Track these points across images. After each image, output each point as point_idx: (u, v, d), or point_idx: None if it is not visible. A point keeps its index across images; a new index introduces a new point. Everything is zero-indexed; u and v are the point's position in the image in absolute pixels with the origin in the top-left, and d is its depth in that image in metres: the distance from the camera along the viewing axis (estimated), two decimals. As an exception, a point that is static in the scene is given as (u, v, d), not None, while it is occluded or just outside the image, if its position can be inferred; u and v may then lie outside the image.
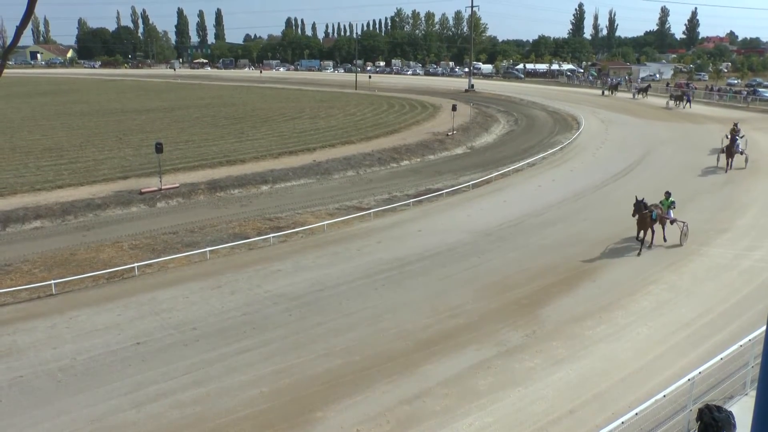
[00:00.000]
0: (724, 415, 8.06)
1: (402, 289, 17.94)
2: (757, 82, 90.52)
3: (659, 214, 20.61)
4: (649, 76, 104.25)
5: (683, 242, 20.90)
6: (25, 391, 12.68)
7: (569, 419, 11.55)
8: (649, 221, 19.95)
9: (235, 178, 30.75)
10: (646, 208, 19.78)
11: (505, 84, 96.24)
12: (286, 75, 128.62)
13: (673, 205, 21.37)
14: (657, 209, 20.67)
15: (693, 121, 51.69)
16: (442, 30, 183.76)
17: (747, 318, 15.33)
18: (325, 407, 12.02)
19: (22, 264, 19.89)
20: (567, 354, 13.94)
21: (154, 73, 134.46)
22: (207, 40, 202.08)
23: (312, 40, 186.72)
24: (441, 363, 13.58)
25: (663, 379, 12.41)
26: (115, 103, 64.40)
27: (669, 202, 21.28)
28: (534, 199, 28.18)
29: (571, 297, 17.14)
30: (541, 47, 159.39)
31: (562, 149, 39.89)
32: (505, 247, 21.56)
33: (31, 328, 15.51)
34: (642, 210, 19.70)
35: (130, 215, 25.82)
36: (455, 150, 41.56)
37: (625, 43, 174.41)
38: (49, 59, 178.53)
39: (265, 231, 23.29)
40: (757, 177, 31.21)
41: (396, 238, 22.86)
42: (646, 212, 19.75)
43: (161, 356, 14.02)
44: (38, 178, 29.72)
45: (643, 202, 19.79)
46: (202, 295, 17.62)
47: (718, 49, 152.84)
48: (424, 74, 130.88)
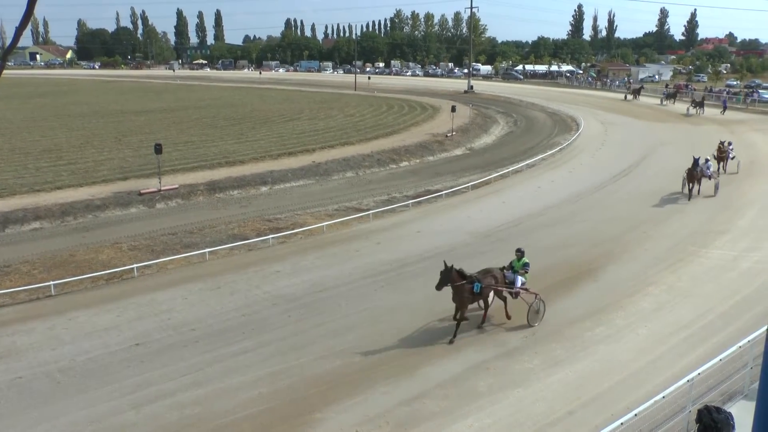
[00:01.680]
0: (724, 416, 8.06)
1: (401, 290, 17.93)
2: (756, 83, 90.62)
3: (489, 285, 15.07)
4: (648, 77, 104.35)
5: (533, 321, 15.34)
6: (23, 393, 12.66)
7: (568, 420, 11.55)
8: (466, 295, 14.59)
9: (235, 179, 30.74)
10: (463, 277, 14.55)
11: (504, 85, 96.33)
12: (285, 76, 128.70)
13: (526, 267, 15.72)
14: (489, 278, 15.05)
15: (692, 122, 51.75)
16: (442, 31, 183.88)
17: (746, 319, 15.32)
18: (324, 408, 12.01)
19: (21, 265, 19.87)
20: (566, 355, 13.94)
21: (153, 74, 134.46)
22: (206, 41, 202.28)
23: (311, 41, 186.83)
24: (440, 364, 13.58)
25: (662, 380, 12.40)
26: (114, 104, 64.39)
27: (521, 263, 15.73)
28: (533, 200, 28.19)
29: (570, 298, 17.13)
30: (540, 48, 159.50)
31: (561, 150, 39.92)
32: (505, 249, 21.47)
33: (30, 329, 15.49)
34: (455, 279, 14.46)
35: (130, 216, 25.81)
36: (454, 151, 41.57)
37: (624, 45, 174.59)
38: (48, 60, 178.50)
39: (265, 232, 23.28)
40: (757, 178, 31.24)
41: (395, 239, 22.86)
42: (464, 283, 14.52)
43: (160, 357, 14.01)
44: (37, 179, 29.70)
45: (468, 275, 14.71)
46: (201, 296, 17.61)
47: (717, 51, 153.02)
48: (423, 75, 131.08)
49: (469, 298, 14.66)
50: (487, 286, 14.97)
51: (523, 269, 15.71)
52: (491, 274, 15.21)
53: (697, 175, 27.00)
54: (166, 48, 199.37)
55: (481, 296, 14.89)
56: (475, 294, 14.62)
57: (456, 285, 14.45)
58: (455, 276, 14.41)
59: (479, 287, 14.59)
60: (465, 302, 14.68)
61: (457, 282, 14.44)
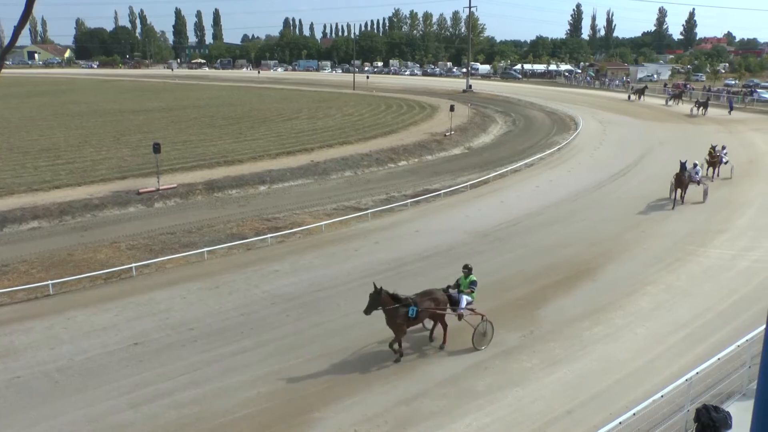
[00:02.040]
0: (722, 415, 8.08)
1: (400, 289, 17.63)
2: (754, 83, 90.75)
3: (427, 309, 13.87)
4: (647, 76, 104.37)
5: (480, 344, 14.20)
6: (22, 392, 12.65)
7: (567, 420, 11.56)
8: (400, 320, 13.46)
9: (233, 178, 30.73)
10: (397, 300, 13.47)
11: (502, 84, 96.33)
12: (284, 75, 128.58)
13: (473, 285, 14.58)
14: (427, 301, 13.85)
15: (691, 122, 51.81)
16: (440, 30, 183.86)
17: (745, 318, 15.35)
18: (323, 408, 12.01)
19: (20, 264, 19.85)
20: (565, 354, 13.95)
21: (151, 73, 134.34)
22: (205, 41, 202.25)
23: (310, 41, 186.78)
24: (439, 364, 13.58)
25: (661, 379, 12.43)
26: (112, 104, 64.32)
27: (468, 281, 14.59)
28: (532, 199, 28.20)
29: (568, 297, 17.15)
30: (539, 48, 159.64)
31: (559, 150, 39.95)
32: (503, 248, 21.57)
33: (29, 329, 15.48)
34: (386, 303, 13.34)
35: (128, 215, 25.79)
36: (453, 150, 41.58)
37: (622, 44, 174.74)
38: (46, 59, 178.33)
39: (263, 231, 23.27)
40: (756, 178, 31.28)
41: (393, 238, 22.86)
42: (397, 307, 13.39)
43: (159, 357, 14.00)
44: (36, 178, 29.67)
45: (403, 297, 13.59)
46: (199, 295, 17.60)
47: (716, 50, 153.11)
48: (421, 75, 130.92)
49: (404, 323, 13.51)
50: (425, 309, 13.79)
51: (470, 288, 14.56)
52: (431, 297, 14.00)
53: (685, 181, 26.08)
54: (165, 47, 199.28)
55: (417, 321, 13.83)
56: (410, 318, 13.50)
57: (388, 309, 13.31)
58: (386, 299, 13.28)
59: (415, 311, 13.46)
60: (400, 328, 13.53)
61: (388, 305, 13.32)
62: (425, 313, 13.91)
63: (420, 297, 13.84)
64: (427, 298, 13.91)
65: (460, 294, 14.46)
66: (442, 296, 14.20)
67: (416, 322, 13.85)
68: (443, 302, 14.18)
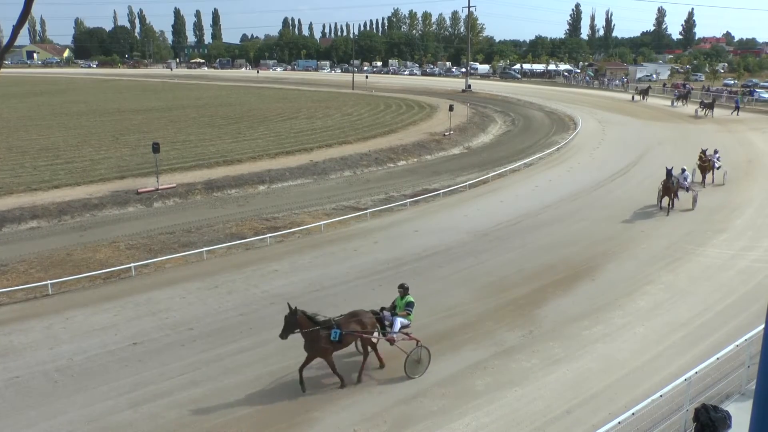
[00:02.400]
0: (721, 415, 8.10)
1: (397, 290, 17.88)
2: (753, 82, 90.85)
3: (353, 332, 12.74)
4: (646, 76, 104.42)
5: (413, 372, 13.00)
6: (21, 392, 12.64)
7: (566, 419, 11.56)
8: (321, 344, 12.39)
9: (232, 178, 30.72)
10: (315, 323, 12.39)
11: (502, 84, 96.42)
12: (283, 75, 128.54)
13: (409, 307, 13.48)
14: (353, 323, 12.77)
15: (690, 121, 51.86)
16: (439, 30, 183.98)
17: (743, 318, 15.38)
18: (322, 407, 12.02)
19: (19, 264, 19.83)
20: (564, 354, 13.96)
21: (150, 72, 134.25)
22: (204, 40, 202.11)
23: (309, 40, 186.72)
24: (438, 363, 13.57)
25: (660, 379, 12.44)
26: (111, 103, 64.27)
27: (404, 302, 13.53)
28: (531, 199, 28.21)
29: (568, 297, 17.15)
30: (538, 47, 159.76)
31: (559, 149, 39.97)
32: (502, 248, 21.57)
33: (28, 329, 15.46)
34: (303, 325, 12.28)
35: (127, 215, 25.78)
36: (452, 150, 41.58)
37: (622, 44, 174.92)
38: (45, 59, 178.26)
39: (262, 231, 23.27)
40: (755, 177, 31.30)
41: (393, 238, 22.86)
42: (317, 329, 12.33)
43: (158, 356, 13.99)
44: (35, 178, 29.64)
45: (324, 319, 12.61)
46: (199, 295, 17.60)
47: (715, 50, 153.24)
48: (421, 74, 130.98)
49: (326, 347, 12.35)
50: (350, 332, 12.65)
51: (405, 310, 13.43)
52: (357, 319, 12.86)
53: (672, 188, 24.88)
54: (164, 47, 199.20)
55: (341, 345, 12.63)
56: (333, 342, 12.38)
57: (307, 332, 12.25)
58: (303, 321, 12.17)
59: (338, 334, 12.36)
60: (324, 353, 12.42)
61: (306, 328, 12.23)
62: (351, 337, 12.76)
63: (345, 318, 12.81)
64: (353, 320, 12.81)
65: (394, 316, 13.38)
66: (370, 318, 13.07)
67: (341, 346, 12.68)
68: (372, 325, 13.05)
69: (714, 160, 29.75)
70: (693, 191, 26.15)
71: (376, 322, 13.19)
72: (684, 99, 62.70)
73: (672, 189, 24.86)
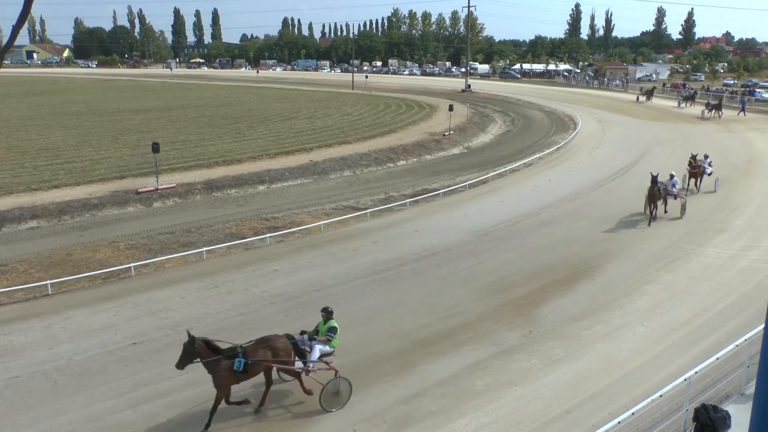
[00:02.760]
0: (721, 414, 8.10)
1: (398, 289, 17.94)
2: (753, 82, 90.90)
3: (261, 361, 11.58)
4: (646, 76, 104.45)
5: (330, 406, 11.90)
6: (21, 392, 12.64)
7: (566, 419, 11.56)
8: (222, 374, 11.25)
9: (232, 178, 30.71)
10: (216, 351, 11.29)
11: (501, 84, 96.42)
12: (282, 75, 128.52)
13: (331, 332, 12.29)
14: (262, 350, 11.62)
15: (690, 121, 51.85)
16: (439, 30, 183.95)
17: (743, 318, 15.38)
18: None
19: (18, 264, 19.83)
20: (564, 354, 13.96)
21: (150, 72, 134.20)
22: (204, 40, 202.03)
23: (309, 40, 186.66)
24: (438, 363, 13.58)
25: (659, 378, 12.44)
26: (111, 103, 64.26)
27: (327, 326, 12.34)
28: (531, 199, 28.21)
29: (568, 297, 17.16)
30: (538, 47, 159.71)
31: (558, 149, 39.97)
32: (502, 248, 21.57)
33: (27, 328, 15.46)
34: (203, 354, 11.19)
35: (127, 215, 25.77)
36: (452, 150, 41.58)
37: (621, 44, 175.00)
38: (45, 59, 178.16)
39: (262, 231, 23.26)
40: (755, 177, 31.29)
41: (392, 238, 22.85)
42: (219, 358, 11.25)
43: (158, 356, 13.97)
44: (34, 177, 29.64)
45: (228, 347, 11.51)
46: (198, 295, 17.59)
47: (715, 50, 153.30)
48: (420, 74, 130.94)
49: (228, 378, 11.27)
50: (257, 361, 11.45)
51: (327, 335, 12.25)
52: (267, 345, 11.68)
53: (658, 195, 23.63)
54: (164, 47, 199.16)
55: (247, 375, 11.43)
56: (237, 373, 11.24)
57: (207, 361, 11.19)
58: (202, 350, 11.09)
59: (243, 363, 11.22)
60: (223, 384, 11.26)
61: (206, 357, 11.17)
62: (258, 366, 11.55)
63: (254, 345, 11.64)
64: (262, 347, 11.62)
65: (312, 342, 12.20)
66: (284, 344, 11.84)
67: (246, 377, 11.49)
68: (286, 353, 11.82)
69: (705, 166, 28.47)
70: (682, 199, 24.90)
71: (291, 348, 11.92)
72: (691, 100, 61.51)
73: (658, 196, 23.66)
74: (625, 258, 20.27)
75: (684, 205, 24.61)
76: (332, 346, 12.30)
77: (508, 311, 16.20)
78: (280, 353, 11.75)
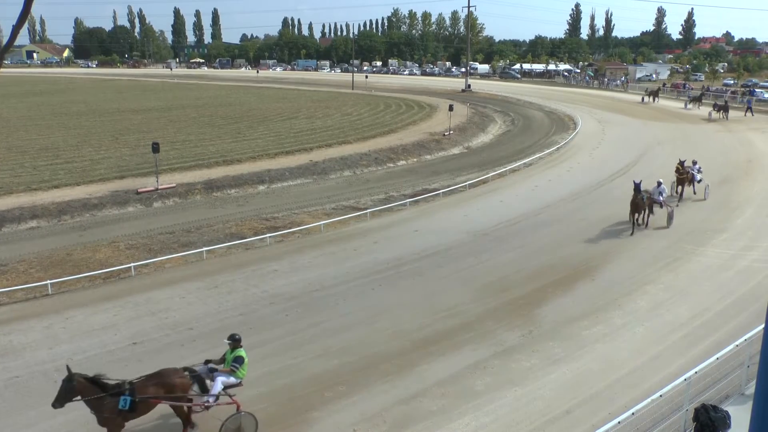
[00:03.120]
0: (721, 414, 8.08)
1: (398, 289, 17.94)
2: (752, 82, 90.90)
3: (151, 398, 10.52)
4: (646, 76, 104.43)
5: None
6: (21, 392, 12.64)
7: (566, 419, 11.56)
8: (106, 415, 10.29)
9: (232, 178, 30.71)
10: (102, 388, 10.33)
11: (501, 84, 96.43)
12: (282, 75, 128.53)
13: (237, 362, 11.22)
14: (153, 387, 10.51)
15: (690, 121, 51.85)
16: (439, 30, 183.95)
17: (743, 318, 15.38)
18: (321, 407, 12.01)
19: (18, 264, 19.82)
20: (564, 354, 13.96)
21: (150, 72, 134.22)
22: (204, 40, 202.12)
23: (309, 40, 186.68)
24: (438, 363, 13.58)
25: (659, 378, 12.44)
26: (111, 103, 64.26)
27: (233, 356, 11.29)
28: (531, 199, 28.20)
29: (568, 297, 17.15)
30: (538, 47, 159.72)
31: (558, 149, 39.96)
32: (502, 248, 21.57)
33: (27, 328, 15.45)
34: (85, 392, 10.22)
35: (127, 215, 25.77)
36: (452, 150, 41.58)
37: (621, 44, 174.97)
38: (45, 59, 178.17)
39: (262, 231, 23.26)
40: (755, 177, 31.29)
41: (392, 238, 22.85)
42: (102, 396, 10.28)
43: (158, 356, 13.96)
44: (34, 177, 29.64)
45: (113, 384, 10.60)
46: (198, 295, 17.59)
47: (715, 50, 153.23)
48: (420, 74, 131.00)
49: (112, 417, 10.22)
50: (145, 398, 10.42)
51: (231, 365, 11.22)
52: (159, 381, 10.59)
53: (642, 204, 22.35)
54: (164, 47, 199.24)
55: (135, 413, 10.42)
56: (123, 411, 10.21)
57: (89, 400, 10.18)
58: (83, 387, 10.12)
59: (129, 401, 10.19)
60: (107, 424, 10.27)
61: (88, 395, 10.14)
62: (148, 404, 10.53)
63: (144, 381, 10.57)
64: (153, 383, 10.54)
65: (217, 374, 11.18)
66: (180, 380, 10.75)
67: (134, 415, 10.45)
68: (182, 387, 10.73)
69: (693, 172, 27.21)
70: (668, 207, 23.66)
71: (188, 383, 10.86)
72: (698, 101, 60.38)
73: (641, 205, 22.41)
74: (625, 258, 20.26)
75: (671, 215, 23.36)
76: (238, 377, 11.29)
77: (508, 311, 16.20)
78: (174, 389, 10.65)
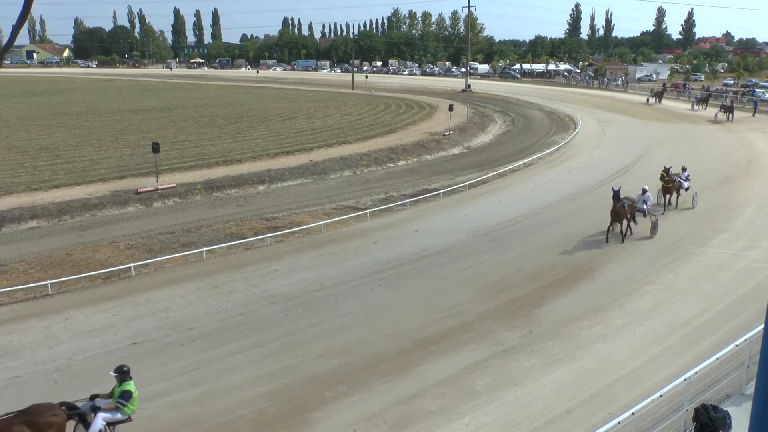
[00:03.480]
0: (721, 414, 8.08)
1: (398, 289, 17.94)
2: (753, 82, 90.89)
3: None
4: (646, 76, 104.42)
5: None
6: (21, 392, 12.61)
7: (566, 419, 11.56)
8: None
9: (232, 178, 30.71)
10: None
11: (501, 84, 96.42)
12: (282, 75, 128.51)
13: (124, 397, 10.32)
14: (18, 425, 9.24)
15: (690, 121, 51.85)
16: (439, 30, 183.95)
17: (743, 318, 15.37)
18: (321, 407, 12.01)
19: (18, 264, 19.82)
20: (564, 354, 13.96)
21: (150, 72, 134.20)
22: (204, 40, 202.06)
23: (309, 40, 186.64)
24: (438, 363, 13.58)
25: (659, 378, 12.44)
26: (111, 103, 64.26)
27: (120, 389, 10.37)
28: (531, 199, 28.20)
29: (567, 297, 17.15)
30: (538, 47, 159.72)
31: (558, 149, 39.96)
32: (502, 248, 21.57)
33: (27, 328, 15.45)
34: None
35: (127, 215, 25.77)
36: (452, 150, 41.57)
37: (621, 44, 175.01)
38: (45, 59, 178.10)
39: (262, 231, 23.26)
40: (755, 177, 31.29)
41: (392, 238, 22.85)
42: None
43: (158, 356, 13.98)
44: (34, 177, 29.64)
45: None
46: (198, 295, 17.59)
47: (715, 50, 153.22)
48: (420, 74, 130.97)
49: None
50: None
51: (118, 402, 10.26)
52: (27, 420, 9.34)
53: (623, 212, 21.17)
54: (164, 47, 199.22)
55: None
56: None
57: None
58: None
59: None
60: None
61: None
62: None
63: (11, 419, 9.33)
64: (19, 422, 9.24)
65: (97, 412, 10.15)
66: (53, 418, 9.47)
67: None
68: (55, 427, 9.49)
69: (681, 180, 25.89)
70: (652, 216, 22.56)
71: (63, 422, 9.63)
72: (705, 102, 59.40)
73: (622, 213, 21.18)
74: (625, 258, 20.26)
75: (655, 224, 22.26)
76: (125, 413, 10.28)
77: (508, 311, 16.20)
78: (46, 429, 9.35)
